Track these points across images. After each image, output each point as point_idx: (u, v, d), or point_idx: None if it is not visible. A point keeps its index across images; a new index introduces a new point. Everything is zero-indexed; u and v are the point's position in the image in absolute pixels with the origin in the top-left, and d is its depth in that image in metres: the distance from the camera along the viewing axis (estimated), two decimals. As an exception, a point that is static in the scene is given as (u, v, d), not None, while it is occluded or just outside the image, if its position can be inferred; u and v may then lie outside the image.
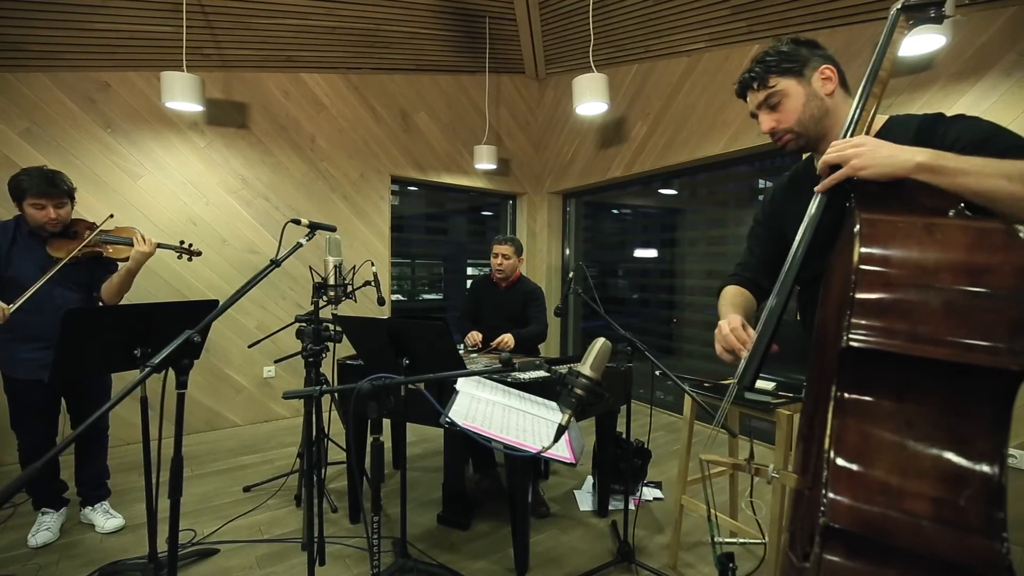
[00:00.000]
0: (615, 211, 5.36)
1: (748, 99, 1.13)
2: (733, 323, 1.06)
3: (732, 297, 1.27)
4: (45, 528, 2.16)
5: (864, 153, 0.85)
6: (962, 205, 0.76)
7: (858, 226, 0.73)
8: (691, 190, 4.36)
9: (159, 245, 2.21)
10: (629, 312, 4.85)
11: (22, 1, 2.66)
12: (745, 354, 0.98)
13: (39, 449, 2.12)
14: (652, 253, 4.76)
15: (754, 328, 1.02)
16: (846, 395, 0.73)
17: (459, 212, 5.32)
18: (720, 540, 1.02)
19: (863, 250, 0.72)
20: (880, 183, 0.83)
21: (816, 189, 0.94)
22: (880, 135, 0.98)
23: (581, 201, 5.23)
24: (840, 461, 0.71)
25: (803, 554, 0.74)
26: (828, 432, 0.73)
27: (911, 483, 0.67)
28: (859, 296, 0.70)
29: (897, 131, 0.99)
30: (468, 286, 3.32)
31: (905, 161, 0.82)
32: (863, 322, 0.69)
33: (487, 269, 3.05)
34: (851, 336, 0.69)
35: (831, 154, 0.89)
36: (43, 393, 2.07)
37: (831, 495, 0.69)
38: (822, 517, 0.68)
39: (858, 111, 0.95)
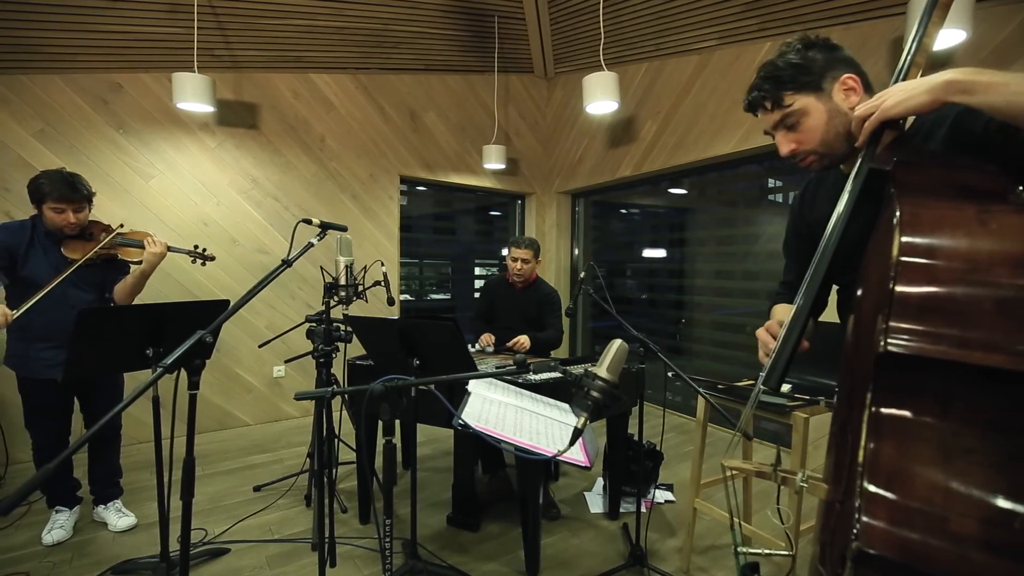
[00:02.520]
0: (624, 211, 5.33)
1: (760, 117, 1.03)
2: (770, 326, 1.03)
3: (780, 313, 1.19)
4: (59, 526, 2.18)
5: (889, 95, 0.80)
6: (1020, 189, 0.68)
7: (899, 213, 0.66)
8: (700, 190, 4.33)
9: (173, 249, 2.23)
10: (637, 312, 4.83)
11: (36, 4, 2.69)
12: (775, 345, 0.91)
13: (53, 448, 2.14)
14: (661, 253, 4.73)
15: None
16: (882, 405, 0.65)
17: (467, 212, 5.31)
18: (744, 549, 0.97)
19: (904, 240, 0.64)
20: (921, 173, 0.75)
21: (856, 145, 0.88)
22: (914, 127, 0.92)
23: (590, 201, 5.21)
24: (874, 479, 0.63)
25: (834, 575, 0.68)
26: (862, 444, 0.65)
27: (956, 505, 0.59)
28: (899, 293, 0.62)
29: (929, 122, 0.91)
30: (481, 287, 3.28)
31: (933, 85, 0.75)
32: (903, 324, 0.62)
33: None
34: (889, 340, 0.62)
35: (860, 109, 0.84)
36: (57, 393, 2.09)
37: (864, 518, 0.61)
38: (855, 541, 0.60)
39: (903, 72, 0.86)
